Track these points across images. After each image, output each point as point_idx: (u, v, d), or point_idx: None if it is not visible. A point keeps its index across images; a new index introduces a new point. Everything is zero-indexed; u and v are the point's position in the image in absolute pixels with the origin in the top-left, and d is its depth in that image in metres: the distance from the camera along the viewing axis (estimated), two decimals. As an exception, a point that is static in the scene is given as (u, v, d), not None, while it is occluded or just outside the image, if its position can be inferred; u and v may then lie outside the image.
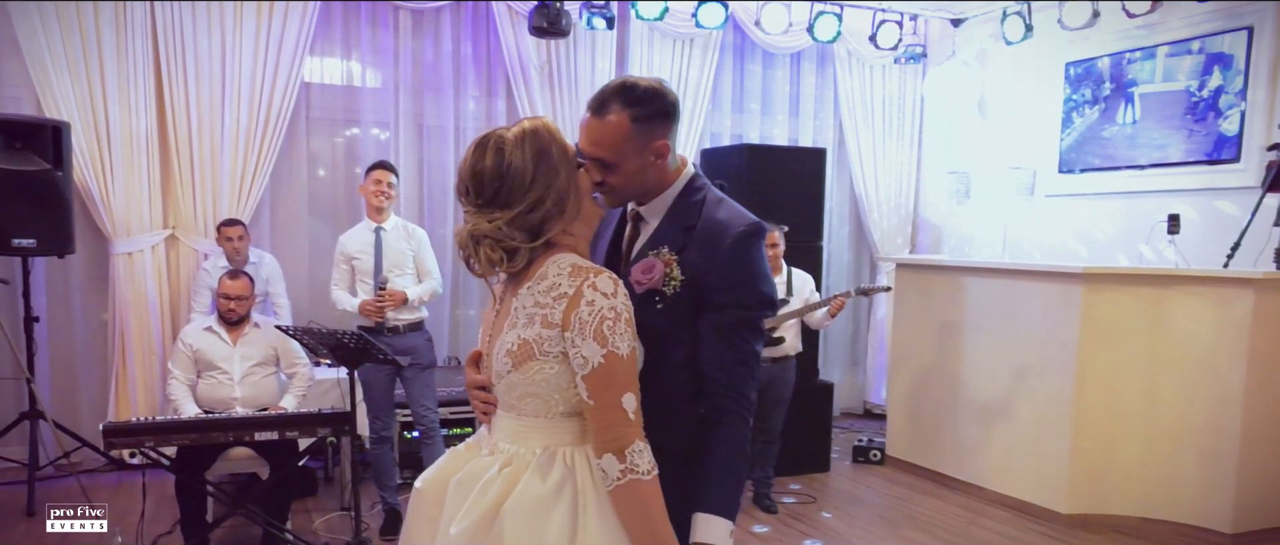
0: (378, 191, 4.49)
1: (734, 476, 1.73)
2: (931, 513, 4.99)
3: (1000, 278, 5.26)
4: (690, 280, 1.74)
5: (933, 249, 7.33)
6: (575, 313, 1.56)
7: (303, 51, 5.62)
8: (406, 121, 6.08)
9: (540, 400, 1.65)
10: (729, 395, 1.73)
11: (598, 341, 1.55)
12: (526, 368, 1.63)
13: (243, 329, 4.39)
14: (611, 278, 1.59)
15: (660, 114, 1.75)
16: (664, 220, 1.82)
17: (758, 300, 1.76)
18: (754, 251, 1.76)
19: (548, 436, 1.66)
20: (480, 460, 1.71)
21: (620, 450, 1.56)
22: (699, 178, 1.87)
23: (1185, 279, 4.67)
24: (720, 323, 1.73)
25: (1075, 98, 6.28)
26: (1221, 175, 5.39)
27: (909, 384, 5.85)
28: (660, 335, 1.74)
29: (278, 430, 3.82)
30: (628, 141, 1.72)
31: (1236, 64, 5.35)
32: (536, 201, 1.62)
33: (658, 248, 1.78)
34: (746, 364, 1.75)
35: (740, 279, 1.74)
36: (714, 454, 1.72)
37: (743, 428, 1.75)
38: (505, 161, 1.61)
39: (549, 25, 5.76)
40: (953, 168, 7.12)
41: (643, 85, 1.74)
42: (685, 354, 1.75)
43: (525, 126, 1.64)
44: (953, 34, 7.03)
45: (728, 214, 1.79)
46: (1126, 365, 4.73)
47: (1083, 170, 6.21)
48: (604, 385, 1.56)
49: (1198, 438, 4.61)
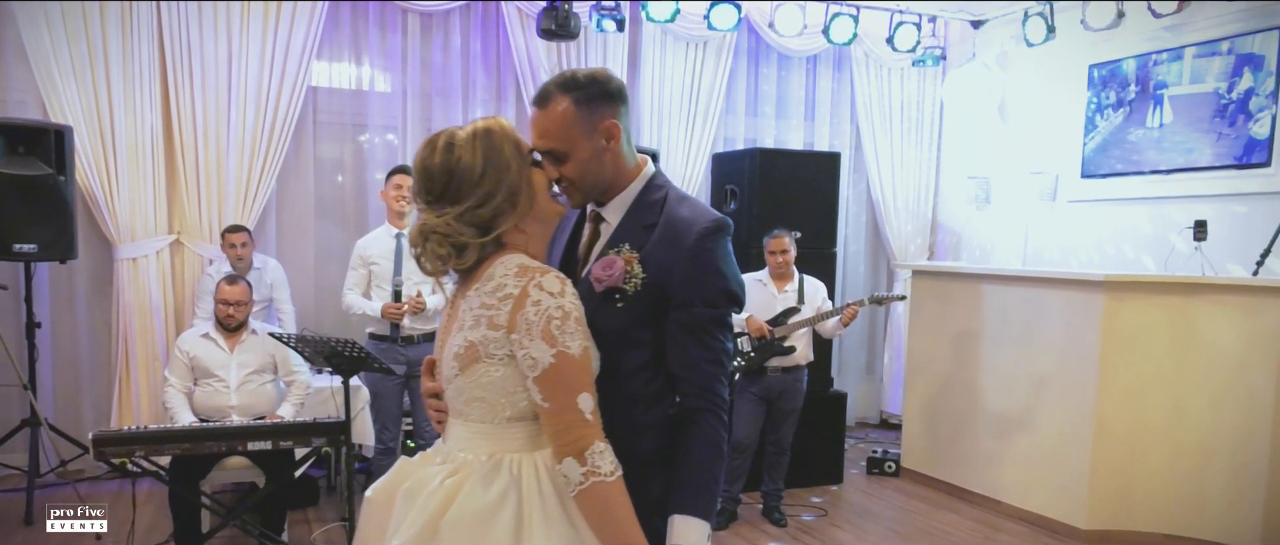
0: (398, 196, 4.48)
1: (709, 476, 1.70)
2: (947, 527, 4.84)
3: (1019, 285, 5.10)
4: (652, 280, 1.70)
5: (951, 256, 7.16)
6: (521, 313, 1.52)
7: (310, 55, 5.56)
8: (415, 126, 6.00)
9: (486, 405, 1.60)
10: (701, 393, 1.71)
11: (546, 341, 1.51)
12: (472, 371, 1.59)
13: (240, 336, 4.32)
14: (558, 277, 1.55)
15: (602, 95, 1.71)
16: (624, 219, 1.78)
17: (724, 297, 1.72)
18: (718, 248, 1.72)
19: (494, 443, 1.61)
20: (428, 469, 1.65)
21: (580, 452, 1.52)
22: (660, 176, 1.84)
23: (1212, 287, 4.50)
24: (687, 321, 1.70)
25: (1099, 100, 6.11)
26: (1251, 180, 5.20)
27: (926, 394, 5.70)
28: (620, 336, 1.70)
29: (271, 440, 3.74)
30: (573, 126, 1.69)
31: (1267, 65, 5.16)
32: (486, 196, 1.59)
33: (619, 246, 1.74)
34: (717, 361, 1.72)
35: (705, 276, 1.69)
36: (689, 454, 1.69)
37: (717, 425, 1.72)
38: (454, 157, 1.59)
39: (558, 27, 5.68)
40: (972, 173, 6.96)
41: (583, 73, 1.74)
42: (646, 356, 1.72)
43: (477, 125, 1.64)
44: (973, 36, 6.88)
45: (691, 211, 1.75)
46: (1150, 376, 4.57)
47: (1107, 175, 6.03)
48: (557, 386, 1.52)
49: (1225, 452, 4.43)
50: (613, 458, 1.54)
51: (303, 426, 3.82)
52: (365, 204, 6.00)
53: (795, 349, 4.73)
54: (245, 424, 3.84)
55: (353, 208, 6.03)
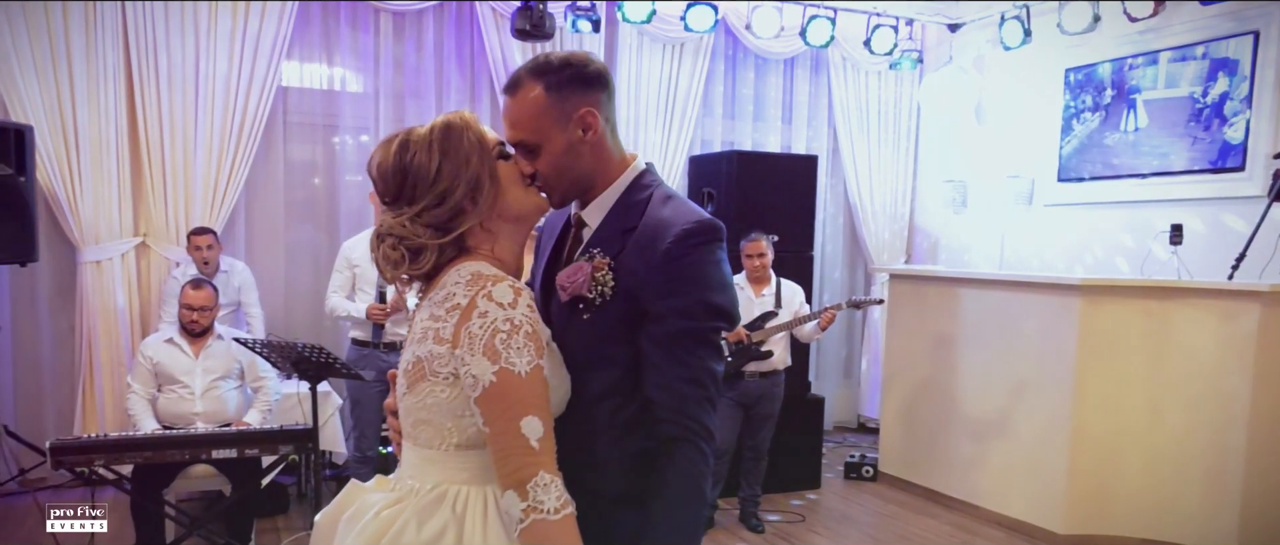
0: None
1: (686, 519, 1.47)
2: (925, 532, 4.81)
3: (996, 289, 5.09)
4: (626, 290, 1.50)
5: (928, 259, 7.15)
6: (465, 326, 1.38)
7: (280, 54, 5.46)
8: (388, 126, 5.91)
9: (432, 429, 1.46)
10: (677, 419, 1.47)
11: (488, 357, 1.35)
12: (419, 390, 1.45)
13: (205, 341, 4.22)
14: (512, 287, 1.40)
15: (577, 79, 1.54)
16: (604, 222, 1.59)
17: (705, 309, 1.50)
18: (702, 254, 1.50)
19: (441, 472, 1.46)
20: (372, 497, 1.52)
21: (521, 484, 1.33)
22: (649, 174, 1.64)
23: (1188, 291, 4.50)
24: (661, 335, 1.48)
25: (1075, 104, 6.11)
26: (1226, 184, 5.21)
27: (903, 398, 5.67)
28: (588, 353, 1.52)
29: (237, 448, 3.65)
30: (545, 114, 1.52)
31: (1242, 70, 5.18)
32: (443, 194, 1.47)
33: (591, 252, 1.56)
34: (698, 382, 1.49)
35: (683, 284, 1.48)
36: (663, 492, 1.46)
37: (697, 458, 1.48)
38: (408, 156, 1.49)
39: (533, 28, 5.60)
40: (949, 176, 6.95)
41: (557, 56, 1.56)
42: (615, 378, 1.52)
43: (438, 121, 1.52)
44: (949, 39, 6.87)
45: (673, 212, 1.54)
46: (1127, 381, 4.56)
47: (1083, 179, 6.04)
48: (498, 408, 1.35)
49: (1201, 457, 4.42)
50: (560, 492, 1.34)
51: (270, 434, 3.73)
52: (336, 206, 5.90)
53: (773, 353, 4.68)
54: (210, 431, 3.75)
55: (324, 210, 5.93)
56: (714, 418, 1.51)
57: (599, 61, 1.59)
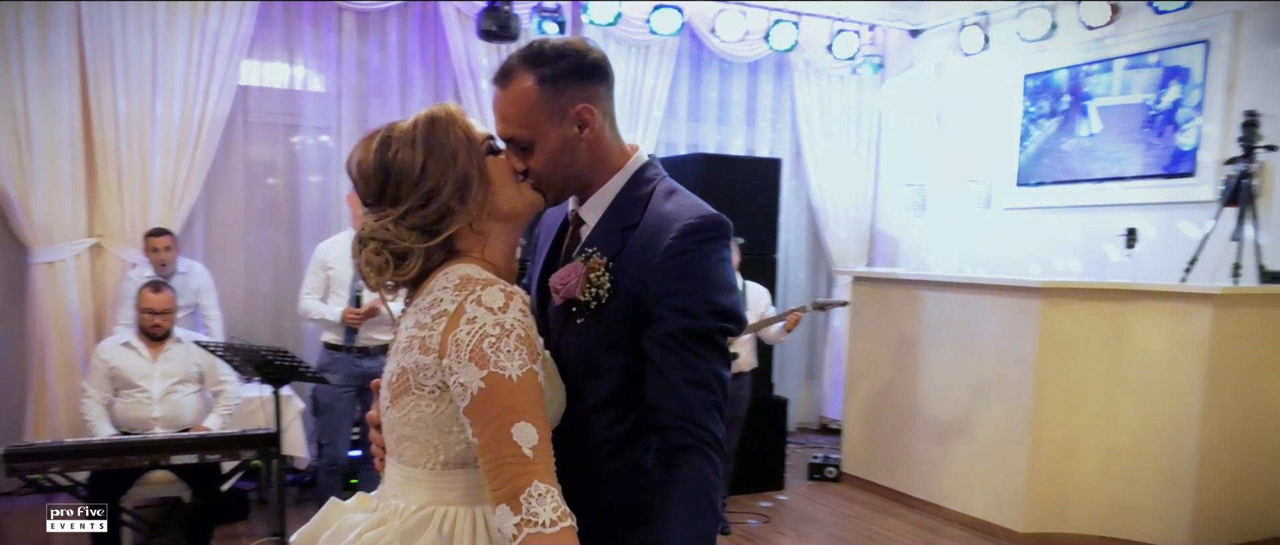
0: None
1: (698, 534, 1.36)
2: (888, 532, 4.86)
3: (958, 291, 5.16)
4: (626, 292, 1.40)
5: (889, 262, 7.23)
6: (453, 334, 1.29)
7: (240, 53, 5.37)
8: (350, 126, 5.84)
9: (418, 445, 1.38)
10: (684, 428, 1.37)
11: (476, 363, 1.27)
12: (402, 404, 1.37)
13: (164, 345, 4.14)
14: (503, 290, 1.31)
15: (573, 71, 1.43)
16: (602, 219, 1.49)
17: (709, 310, 1.39)
18: (707, 251, 1.40)
19: (427, 492, 1.38)
20: (353, 517, 1.44)
21: (514, 496, 1.24)
22: (652, 167, 1.53)
23: (1144, 294, 4.59)
24: (663, 335, 1.38)
25: (1033, 110, 6.22)
26: (1179, 189, 5.34)
27: (866, 400, 5.73)
28: (583, 360, 1.44)
29: (198, 453, 3.59)
30: (537, 109, 1.41)
31: (1193, 78, 5.31)
32: (429, 193, 1.38)
33: (587, 251, 1.46)
34: (705, 386, 1.38)
35: (685, 281, 1.38)
36: (670, 509, 1.35)
37: (707, 469, 1.37)
38: (390, 154, 1.40)
39: (499, 29, 5.58)
40: (910, 180, 7.04)
41: (552, 43, 1.45)
42: (612, 387, 1.43)
43: (421, 114, 1.43)
44: (911, 45, 6.96)
45: (677, 206, 1.44)
46: (1085, 381, 4.64)
47: (1041, 183, 6.15)
48: (488, 414, 1.26)
49: (1156, 455, 4.52)
50: (557, 503, 1.24)
51: (231, 439, 3.67)
52: (298, 207, 5.82)
53: (739, 355, 4.70)
54: (169, 436, 3.68)
55: (285, 211, 5.84)
56: (722, 425, 1.41)
57: (598, 49, 1.49)
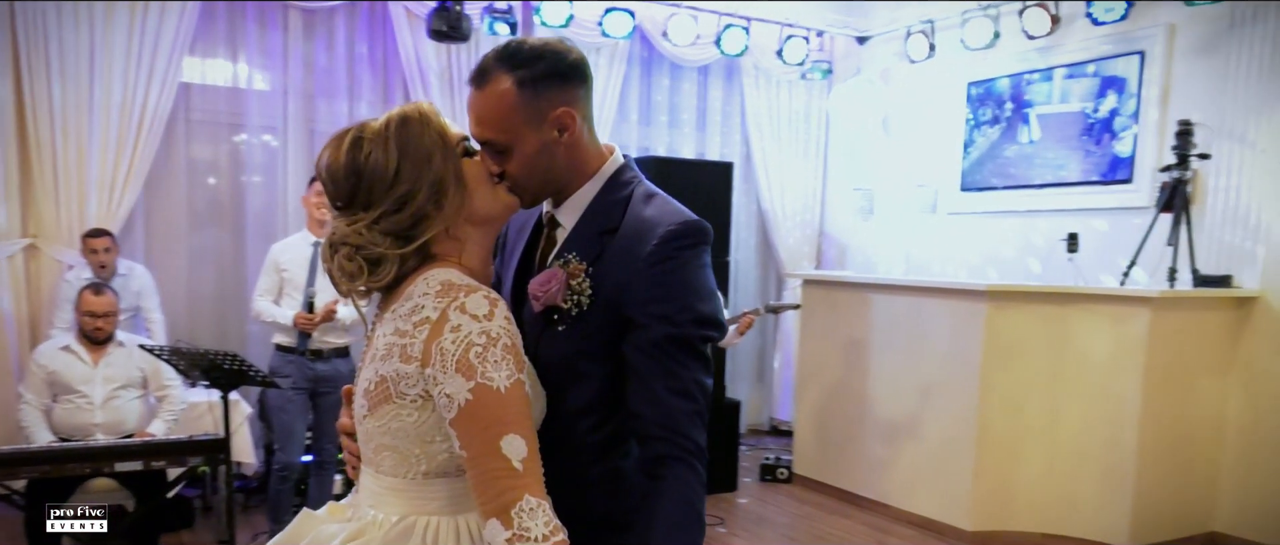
0: (321, 203, 4.23)
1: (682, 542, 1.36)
2: (840, 532, 4.92)
3: (906, 295, 5.25)
4: (606, 297, 1.39)
5: (837, 265, 7.33)
6: (437, 342, 1.26)
7: (181, 50, 5.24)
8: (296, 126, 5.74)
9: (397, 455, 1.35)
10: (668, 437, 1.36)
11: (463, 373, 1.24)
12: (382, 413, 1.34)
13: (105, 349, 4.03)
14: (487, 297, 1.29)
15: (554, 74, 1.39)
16: (580, 222, 1.47)
17: (691, 318, 1.38)
18: (689, 257, 1.40)
19: (407, 503, 1.35)
20: (328, 527, 1.40)
21: (505, 510, 1.22)
22: (629, 169, 1.52)
23: (1085, 297, 4.73)
24: (646, 344, 1.37)
25: (976, 117, 6.36)
26: (1117, 195, 5.49)
27: (816, 401, 5.80)
28: (564, 367, 1.42)
29: (143, 460, 3.49)
30: (517, 113, 1.37)
31: (1129, 87, 5.47)
32: (404, 198, 1.34)
33: (566, 256, 1.43)
34: (687, 394, 1.37)
35: (667, 289, 1.38)
36: (655, 520, 1.34)
37: (693, 479, 1.36)
38: (362, 155, 1.36)
39: (449, 29, 5.53)
40: (857, 184, 7.14)
41: (531, 43, 1.40)
42: (593, 394, 1.42)
43: (393, 114, 1.39)
44: (858, 51, 7.06)
45: (658, 211, 1.43)
46: (1029, 382, 4.76)
47: (984, 188, 6.29)
48: (476, 427, 1.24)
49: (1097, 454, 4.65)
50: (548, 518, 1.23)
51: (178, 445, 3.59)
52: (242, 207, 5.69)
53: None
54: (113, 443, 3.57)
55: (229, 211, 5.71)
56: (704, 434, 1.40)
57: (577, 49, 1.45)
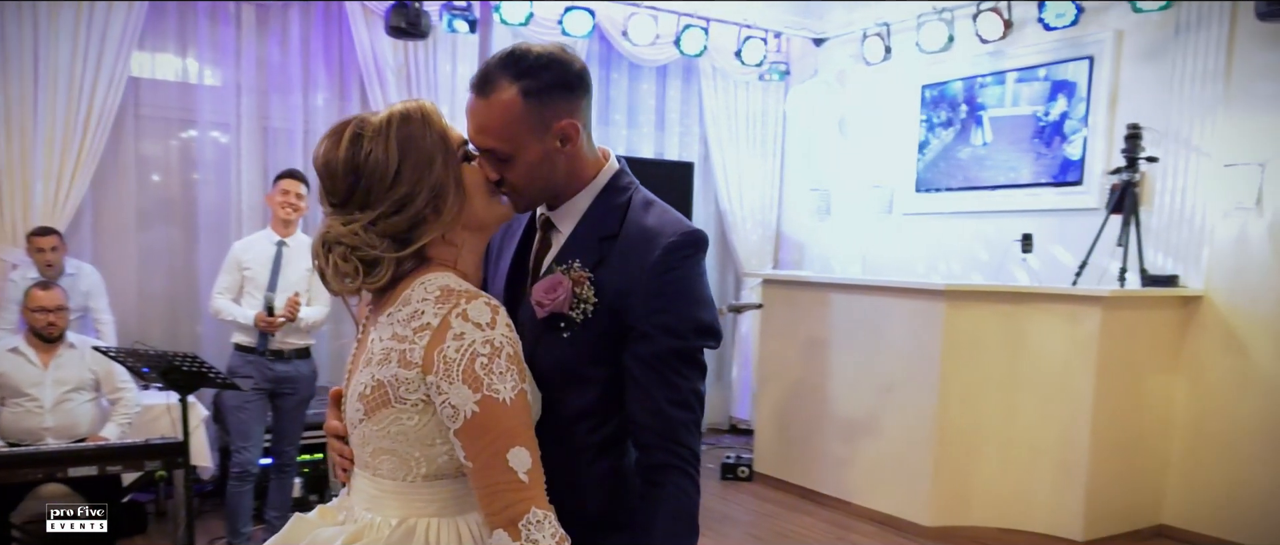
0: (286, 202, 4.16)
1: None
2: (802, 529, 4.97)
3: (866, 294, 5.31)
4: (608, 304, 1.41)
5: (795, 265, 7.40)
6: (439, 349, 1.26)
7: (130, 44, 5.10)
8: (249, 123, 5.62)
9: (397, 459, 1.35)
10: (664, 445, 1.41)
11: (469, 385, 1.25)
12: (380, 417, 1.33)
13: (56, 350, 3.91)
14: (488, 304, 1.29)
15: (560, 85, 1.41)
16: (578, 228, 1.49)
17: (694, 328, 1.43)
18: (690, 267, 1.44)
19: (407, 505, 1.36)
20: (324, 531, 1.39)
21: (513, 523, 1.25)
22: (625, 175, 1.54)
23: (1039, 296, 4.83)
24: (648, 355, 1.40)
25: (931, 119, 6.46)
26: (1068, 196, 5.62)
27: (777, 400, 5.84)
28: (565, 372, 1.44)
29: (98, 465, 3.39)
30: (521, 123, 1.38)
31: (1079, 91, 5.61)
32: (403, 200, 1.33)
33: (568, 262, 1.45)
34: (686, 405, 1.42)
35: (671, 300, 1.41)
36: (654, 524, 1.39)
37: (688, 486, 1.42)
38: (362, 152, 1.33)
39: (408, 26, 5.48)
40: (814, 185, 7.21)
41: (536, 51, 1.41)
42: (594, 397, 1.45)
43: (395, 110, 1.37)
44: (815, 53, 7.14)
45: (658, 220, 1.46)
46: (986, 380, 4.85)
47: (939, 189, 6.39)
48: (483, 440, 1.25)
49: (1051, 450, 4.76)
50: (554, 528, 1.27)
51: (135, 449, 3.50)
52: (194, 205, 5.57)
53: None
54: (67, 447, 3.47)
55: (180, 209, 5.58)
56: (699, 441, 1.46)
57: (580, 59, 1.48)
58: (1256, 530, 4.65)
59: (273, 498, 4.23)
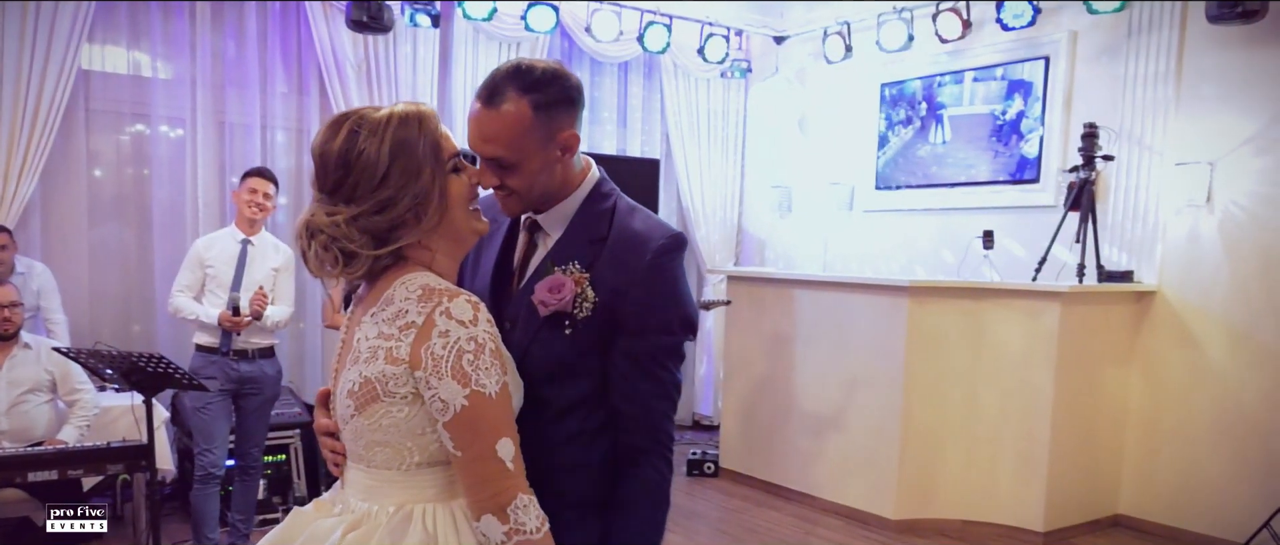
0: (253, 201, 4.06)
1: (652, 524, 1.57)
2: (769, 524, 5.01)
3: (830, 290, 5.36)
4: (603, 302, 1.52)
5: (756, 261, 7.44)
6: (426, 346, 1.33)
7: (80, 36, 4.95)
8: (205, 118, 5.50)
9: (390, 450, 1.41)
10: (645, 432, 1.56)
11: (457, 380, 1.32)
12: (371, 411, 1.39)
13: (10, 350, 3.79)
14: (469, 301, 1.36)
15: (564, 100, 1.52)
16: (568, 231, 1.59)
17: (681, 324, 1.57)
18: (676, 267, 1.57)
19: (403, 492, 1.42)
20: (324, 522, 1.45)
21: (501, 508, 1.34)
22: (606, 182, 1.66)
23: (1000, 292, 4.92)
24: (637, 350, 1.53)
25: (890, 117, 6.54)
26: (1025, 194, 5.73)
27: (742, 396, 5.87)
28: (563, 366, 1.54)
29: (58, 470, 3.29)
30: (528, 134, 1.48)
31: (1035, 91, 5.72)
32: (386, 202, 1.38)
33: (565, 263, 1.55)
34: (666, 396, 1.57)
35: (662, 300, 1.54)
36: (629, 502, 1.55)
37: (663, 466, 1.58)
38: (356, 147, 1.38)
39: (370, 19, 5.40)
40: (776, 182, 7.26)
41: (540, 67, 1.51)
42: (588, 388, 1.56)
43: (396, 111, 1.41)
44: (775, 51, 7.18)
45: (645, 225, 1.58)
46: (949, 375, 4.92)
47: (899, 187, 6.48)
48: (472, 432, 1.33)
49: (1012, 442, 4.85)
50: (538, 511, 1.37)
51: (99, 452, 3.41)
52: (148, 202, 5.43)
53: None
54: (27, 451, 3.36)
55: (134, 206, 5.43)
56: (673, 426, 1.61)
57: (575, 76, 1.58)
58: (1208, 519, 4.80)
59: (237, 501, 4.14)
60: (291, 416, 4.92)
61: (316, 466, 4.99)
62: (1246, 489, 4.66)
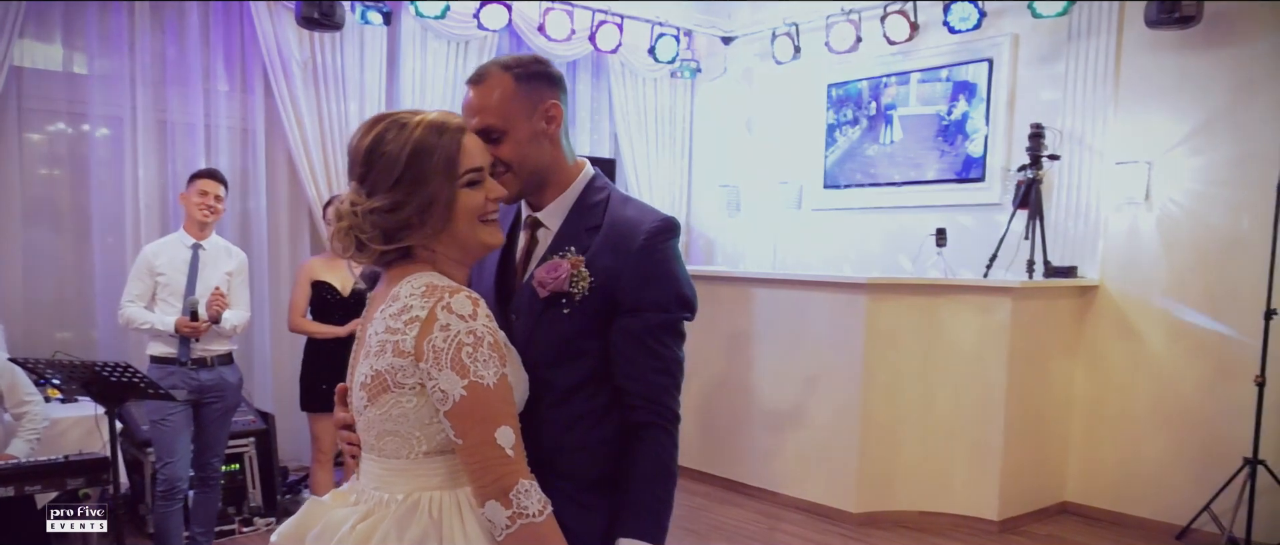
0: (203, 204, 3.89)
1: (658, 495, 1.64)
2: (734, 520, 5.05)
3: (788, 288, 5.43)
4: (600, 285, 1.62)
5: (706, 260, 7.49)
6: (428, 339, 1.40)
7: (13, 32, 4.73)
8: (146, 116, 5.30)
9: (399, 439, 1.48)
10: (649, 407, 1.63)
11: (456, 371, 1.39)
12: (382, 402, 1.47)
13: (-46, 362, 3.59)
14: (469, 297, 1.44)
15: (543, 75, 1.67)
16: (565, 224, 1.70)
17: (677, 301, 1.66)
18: (669, 249, 1.66)
19: (411, 480, 1.49)
20: (339, 512, 1.52)
21: (504, 493, 1.40)
22: (600, 178, 1.77)
23: (954, 288, 5.04)
24: (636, 327, 1.62)
25: (838, 117, 6.65)
26: (971, 193, 5.90)
27: (701, 394, 5.90)
28: (565, 346, 1.63)
29: (14, 485, 3.14)
30: (512, 102, 1.62)
31: (980, 92, 5.88)
32: (396, 204, 1.47)
33: (562, 250, 1.65)
34: (668, 371, 1.65)
35: (656, 278, 1.63)
36: (635, 471, 1.62)
37: (668, 441, 1.65)
38: (381, 145, 1.48)
39: (321, 16, 5.27)
40: (724, 181, 7.32)
41: (524, 54, 1.72)
42: (590, 369, 1.64)
43: (427, 118, 1.51)
44: (723, 51, 7.24)
45: (637, 212, 1.69)
46: (906, 369, 5.03)
47: (847, 185, 6.59)
48: (472, 421, 1.40)
49: (967, 434, 4.98)
50: (540, 495, 1.43)
51: (54, 467, 3.26)
52: (86, 204, 5.21)
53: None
54: (-21, 469, 3.19)
55: (70, 208, 5.21)
56: (679, 401, 1.68)
57: (558, 68, 1.72)
58: (1150, 504, 5.01)
59: (197, 513, 4.00)
60: (245, 424, 4.77)
61: (273, 476, 4.85)
62: (1186, 475, 4.88)
